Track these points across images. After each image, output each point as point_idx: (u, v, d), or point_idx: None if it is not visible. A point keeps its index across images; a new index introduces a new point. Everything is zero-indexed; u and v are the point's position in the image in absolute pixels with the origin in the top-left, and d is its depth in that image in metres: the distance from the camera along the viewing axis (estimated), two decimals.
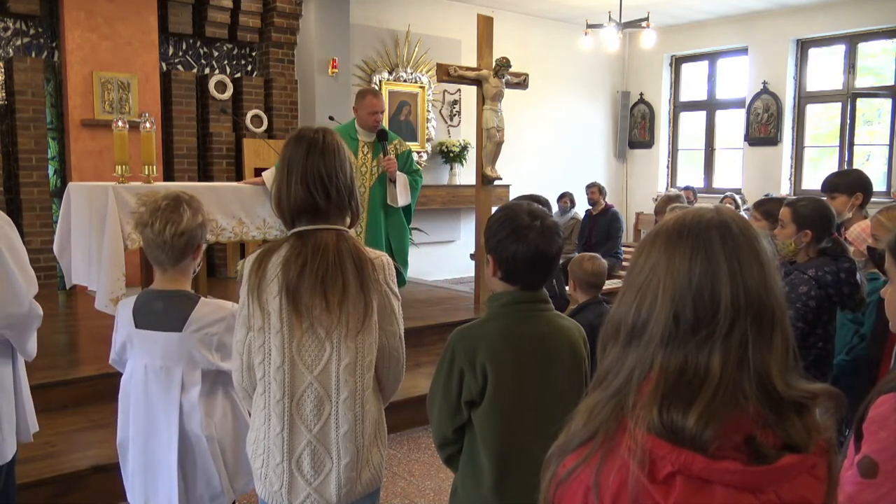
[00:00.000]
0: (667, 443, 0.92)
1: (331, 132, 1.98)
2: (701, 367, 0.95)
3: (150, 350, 2.17)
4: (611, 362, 1.03)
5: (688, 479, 0.91)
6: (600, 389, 1.03)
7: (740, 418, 0.94)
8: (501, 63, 6.09)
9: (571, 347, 1.94)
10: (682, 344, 0.97)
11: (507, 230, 1.87)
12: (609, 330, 1.06)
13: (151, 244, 2.13)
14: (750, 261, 0.98)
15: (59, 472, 3.28)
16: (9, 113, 6.38)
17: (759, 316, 0.97)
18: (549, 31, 9.94)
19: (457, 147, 9.04)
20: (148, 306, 2.18)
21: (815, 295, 2.80)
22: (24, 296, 2.26)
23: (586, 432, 1.00)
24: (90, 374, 4.08)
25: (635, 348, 1.00)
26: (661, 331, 0.98)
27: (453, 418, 1.89)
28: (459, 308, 6.31)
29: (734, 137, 10.16)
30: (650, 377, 0.97)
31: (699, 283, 0.97)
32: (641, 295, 1.01)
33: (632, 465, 0.92)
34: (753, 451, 0.93)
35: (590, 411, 1.02)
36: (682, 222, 1.03)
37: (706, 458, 0.91)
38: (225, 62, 7.70)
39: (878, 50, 9.00)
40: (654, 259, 1.02)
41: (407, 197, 5.29)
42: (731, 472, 0.91)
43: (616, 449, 0.95)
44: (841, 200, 3.55)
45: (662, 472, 0.91)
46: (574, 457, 1.00)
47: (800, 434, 0.96)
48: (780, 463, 0.93)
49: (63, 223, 4.72)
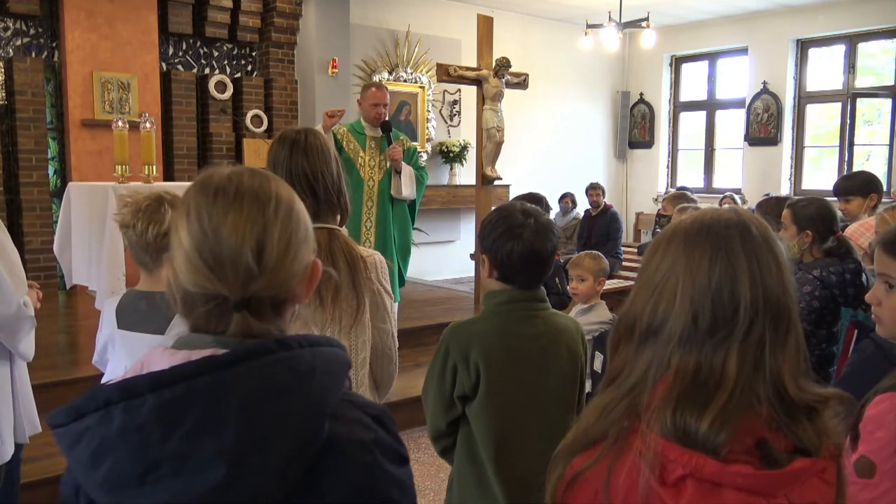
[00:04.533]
0: (678, 446, 0.91)
1: (314, 132, 1.99)
2: (717, 369, 0.95)
3: (132, 351, 2.14)
4: (623, 360, 1.02)
5: (699, 482, 0.90)
6: (612, 388, 1.02)
7: (753, 422, 0.93)
8: (501, 63, 6.09)
9: (568, 346, 1.94)
10: (699, 345, 0.96)
11: (501, 229, 1.88)
12: (622, 328, 1.04)
13: (135, 245, 2.10)
14: (769, 262, 0.98)
15: (59, 473, 3.27)
16: (9, 113, 6.38)
17: (776, 317, 0.97)
18: (549, 31, 9.94)
19: (457, 147, 9.04)
20: (132, 306, 2.15)
21: (820, 295, 2.79)
22: (12, 296, 2.25)
23: (597, 432, 0.99)
24: (90, 374, 4.07)
25: (651, 347, 0.99)
26: (679, 330, 0.97)
27: (447, 412, 1.91)
28: (459, 308, 6.31)
29: (734, 137, 10.16)
30: (666, 377, 0.96)
31: (719, 282, 0.96)
32: (658, 294, 1.00)
33: (642, 467, 0.91)
34: (764, 454, 0.93)
35: (601, 410, 1.00)
36: (700, 222, 1.02)
37: (717, 461, 0.90)
38: (225, 62, 7.70)
39: (878, 50, 9.00)
40: (671, 258, 1.00)
41: (412, 189, 5.12)
42: (743, 475, 0.90)
43: (627, 451, 0.94)
44: (857, 203, 3.56)
45: (673, 475, 0.91)
46: (583, 457, 0.99)
47: (810, 438, 0.95)
48: (791, 467, 0.93)
49: (63, 223, 4.73)
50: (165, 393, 0.83)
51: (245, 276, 0.90)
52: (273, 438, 0.85)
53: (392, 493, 0.94)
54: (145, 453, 0.82)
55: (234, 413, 0.83)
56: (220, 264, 0.90)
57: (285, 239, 0.94)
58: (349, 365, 0.98)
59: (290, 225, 0.95)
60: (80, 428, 0.86)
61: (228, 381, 0.84)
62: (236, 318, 0.91)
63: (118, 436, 0.83)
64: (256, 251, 0.91)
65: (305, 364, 0.89)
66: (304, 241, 0.98)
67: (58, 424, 0.88)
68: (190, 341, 0.93)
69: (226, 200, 0.93)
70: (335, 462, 0.91)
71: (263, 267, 0.91)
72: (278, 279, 0.93)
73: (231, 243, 0.90)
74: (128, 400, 0.83)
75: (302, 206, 1.00)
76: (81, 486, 0.93)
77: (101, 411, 0.84)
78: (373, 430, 0.96)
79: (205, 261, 0.90)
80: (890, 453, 1.36)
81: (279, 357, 0.87)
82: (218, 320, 0.92)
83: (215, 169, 0.98)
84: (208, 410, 0.83)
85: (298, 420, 0.87)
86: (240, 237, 0.90)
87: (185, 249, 0.91)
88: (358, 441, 0.93)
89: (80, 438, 0.86)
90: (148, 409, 0.83)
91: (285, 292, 0.95)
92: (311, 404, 0.89)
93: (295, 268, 0.95)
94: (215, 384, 0.84)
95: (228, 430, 0.83)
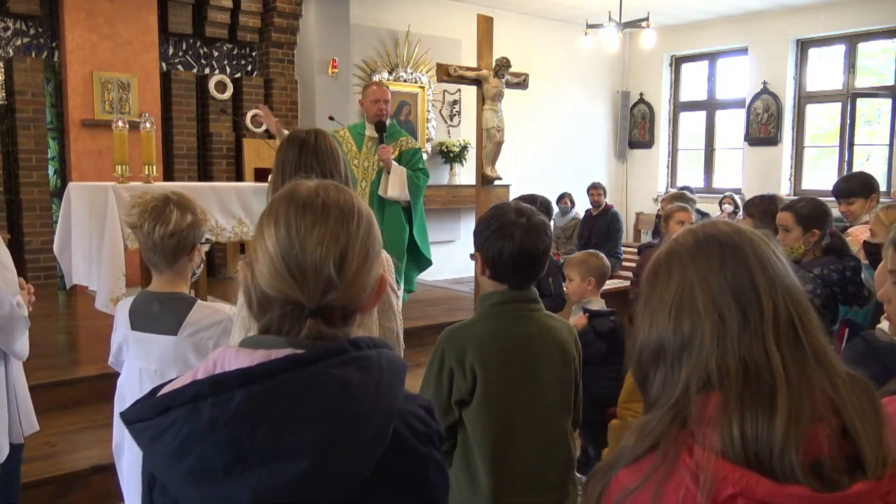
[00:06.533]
0: (730, 463, 0.88)
1: (323, 133, 1.99)
2: (761, 359, 0.93)
3: (146, 352, 2.16)
4: (661, 385, 0.99)
5: (749, 502, 0.86)
6: (654, 410, 0.99)
7: (817, 433, 0.89)
8: (501, 63, 6.08)
9: (560, 347, 1.94)
10: (735, 341, 0.94)
11: (493, 227, 1.88)
12: (646, 359, 1.01)
13: (144, 246, 2.12)
14: (771, 255, 1.00)
15: (59, 472, 3.28)
16: (9, 113, 6.38)
17: (794, 297, 0.97)
18: (549, 31, 9.94)
19: (457, 147, 9.04)
20: (145, 307, 2.17)
21: (821, 294, 2.79)
22: (5, 297, 2.25)
23: (642, 446, 0.95)
24: (90, 374, 4.08)
25: (686, 363, 0.96)
26: (709, 336, 0.95)
27: (444, 417, 1.90)
28: (459, 308, 6.31)
29: (734, 137, 10.16)
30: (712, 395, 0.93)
31: (734, 277, 0.97)
32: (677, 311, 0.98)
33: (692, 486, 0.88)
34: (822, 475, 0.88)
35: (643, 427, 0.97)
36: (696, 236, 1.03)
37: (772, 481, 0.86)
38: (225, 62, 7.70)
39: (878, 50, 8.99)
40: (678, 275, 1.00)
41: (402, 191, 5.03)
42: (799, 497, 0.85)
43: (676, 469, 0.90)
44: (859, 204, 3.58)
45: (723, 493, 0.87)
46: (629, 472, 0.95)
47: (873, 449, 0.89)
48: (852, 490, 0.87)
49: (63, 223, 4.72)
50: (253, 388, 0.88)
51: (325, 287, 0.96)
52: (351, 432, 0.90)
53: (433, 476, 1.03)
54: (234, 445, 0.87)
55: (316, 408, 0.89)
56: (302, 273, 0.95)
57: (363, 253, 1.00)
58: (406, 366, 1.03)
59: (369, 240, 1.02)
60: (167, 422, 0.89)
61: (310, 378, 0.90)
62: (309, 322, 0.96)
63: (207, 429, 0.87)
64: (339, 263, 0.96)
65: (375, 363, 0.95)
66: (377, 256, 1.04)
67: (139, 419, 0.92)
68: (264, 342, 0.97)
69: (313, 213, 0.99)
70: (399, 454, 0.97)
71: (342, 279, 0.96)
72: (353, 291, 0.99)
73: (316, 255, 0.96)
74: (217, 394, 0.88)
75: (376, 222, 1.06)
76: (158, 478, 0.97)
77: (188, 405, 0.88)
78: (427, 423, 1.04)
79: (289, 268, 0.95)
80: None
81: (353, 356, 0.93)
82: (291, 324, 0.97)
83: (302, 181, 1.05)
84: (293, 405, 0.88)
85: (372, 415, 0.92)
86: (324, 249, 0.96)
87: (270, 255, 0.97)
88: (420, 434, 1.01)
89: (165, 432, 0.89)
90: (237, 403, 0.87)
91: (356, 303, 1.01)
92: (382, 401, 0.94)
93: (369, 281, 1.01)
94: (299, 380, 0.89)
95: (311, 425, 0.88)
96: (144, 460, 0.99)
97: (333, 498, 0.91)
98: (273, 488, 0.87)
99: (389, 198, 5.02)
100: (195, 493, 0.90)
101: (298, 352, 0.92)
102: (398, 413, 0.98)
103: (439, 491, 1.04)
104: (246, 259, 1.03)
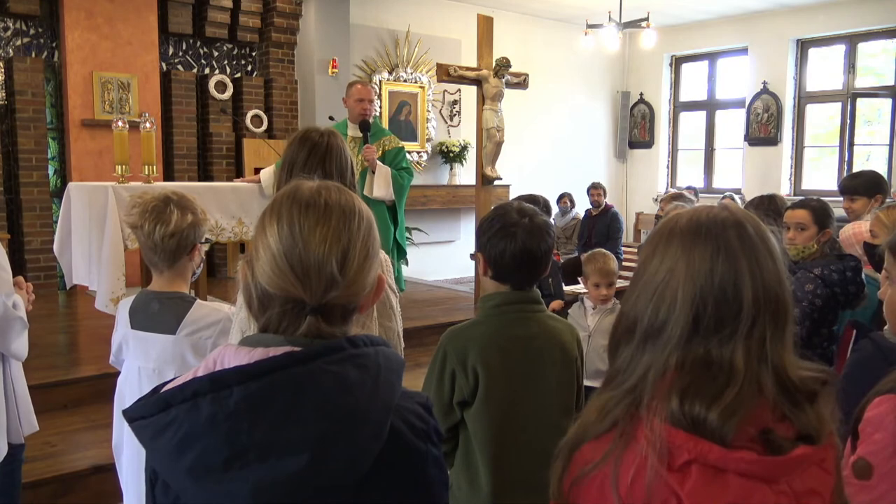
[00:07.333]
0: (683, 432, 0.93)
1: (335, 135, 1.98)
2: (725, 362, 0.97)
3: (145, 351, 2.16)
4: (623, 361, 1.04)
5: (703, 467, 0.93)
6: (611, 388, 1.04)
7: (758, 411, 0.96)
8: (501, 63, 6.09)
9: (562, 348, 1.94)
10: (704, 341, 0.98)
11: (495, 228, 1.88)
12: (621, 329, 1.06)
13: (144, 246, 2.12)
14: (766, 257, 1.00)
15: (59, 472, 3.28)
16: (9, 113, 6.38)
17: (775, 312, 0.99)
18: (549, 31, 9.94)
19: (457, 147, 9.04)
20: (145, 307, 2.17)
21: (822, 294, 2.77)
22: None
23: (603, 425, 1.00)
24: (90, 374, 4.08)
25: (651, 348, 1.01)
26: (679, 332, 0.99)
27: (446, 418, 1.90)
28: (459, 308, 6.31)
29: (734, 137, 10.16)
30: (666, 377, 0.98)
31: (721, 282, 0.98)
32: (659, 296, 1.01)
33: (650, 454, 0.93)
34: (767, 443, 0.95)
35: (601, 408, 1.02)
36: (697, 221, 1.03)
37: (722, 447, 0.92)
38: (225, 62, 7.71)
39: (878, 50, 8.99)
40: (671, 260, 1.02)
41: (386, 190, 5.01)
42: (747, 461, 0.92)
43: (634, 442, 0.96)
44: (861, 202, 3.53)
45: (679, 460, 0.93)
46: (591, 448, 1.00)
47: (813, 423, 0.98)
48: (794, 454, 0.95)
49: (63, 223, 4.72)
50: (252, 385, 0.89)
51: (327, 285, 0.97)
52: (349, 428, 0.91)
53: (431, 472, 1.04)
54: (233, 441, 0.88)
55: (314, 405, 0.90)
56: (305, 271, 0.96)
57: (364, 253, 1.02)
58: (404, 364, 1.04)
59: (369, 240, 1.04)
60: (168, 419, 0.90)
61: (308, 375, 0.91)
62: (309, 320, 0.97)
63: (207, 425, 0.88)
64: (341, 262, 0.98)
65: (372, 361, 0.96)
66: (376, 255, 1.06)
67: (140, 416, 0.93)
68: (263, 340, 0.98)
69: (316, 212, 1.00)
70: (397, 451, 0.99)
71: (344, 277, 0.98)
72: (354, 289, 1.00)
73: (319, 253, 0.97)
74: (216, 391, 0.89)
75: (375, 223, 1.08)
76: (160, 475, 0.98)
77: (188, 402, 0.90)
78: (425, 419, 1.05)
79: (291, 266, 0.96)
80: (888, 455, 1.36)
81: (350, 353, 0.94)
82: (290, 322, 0.98)
83: (304, 181, 1.07)
84: (291, 402, 0.89)
85: (370, 412, 0.93)
86: (327, 248, 0.97)
87: (272, 253, 0.98)
88: (417, 430, 1.02)
89: (166, 429, 0.90)
90: (236, 399, 0.88)
91: (356, 301, 1.02)
92: (380, 398, 0.95)
93: (368, 280, 1.03)
94: (296, 377, 0.90)
95: (310, 421, 0.89)
96: (146, 457, 1.00)
97: (332, 494, 0.92)
98: (272, 484, 0.88)
99: (375, 198, 4.98)
100: (196, 488, 0.91)
101: (296, 349, 0.93)
102: (396, 410, 0.99)
103: (438, 487, 1.05)
104: (246, 258, 1.03)
